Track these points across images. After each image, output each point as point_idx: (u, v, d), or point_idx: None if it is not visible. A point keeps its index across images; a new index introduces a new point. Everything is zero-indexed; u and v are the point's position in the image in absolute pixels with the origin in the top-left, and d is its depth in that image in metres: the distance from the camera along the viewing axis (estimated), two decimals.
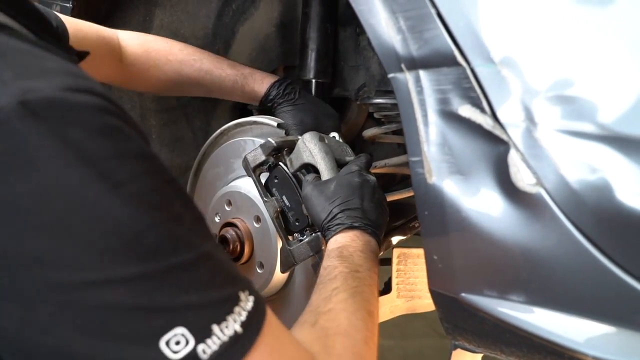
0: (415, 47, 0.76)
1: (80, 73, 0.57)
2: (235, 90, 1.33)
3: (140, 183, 0.54)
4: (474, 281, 0.78)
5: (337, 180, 1.05)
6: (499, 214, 0.73)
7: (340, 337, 0.75)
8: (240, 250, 1.21)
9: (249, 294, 0.60)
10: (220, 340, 0.55)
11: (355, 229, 0.99)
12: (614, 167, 0.64)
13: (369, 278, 0.91)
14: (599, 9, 0.65)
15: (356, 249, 0.95)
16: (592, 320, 0.69)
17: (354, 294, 0.84)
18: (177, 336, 0.53)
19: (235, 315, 0.57)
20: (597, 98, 0.65)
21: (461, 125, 0.74)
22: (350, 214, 1.00)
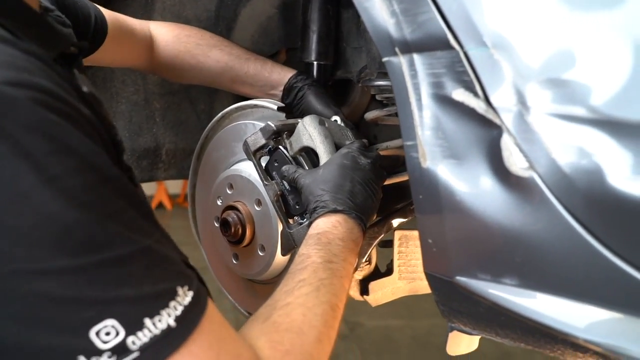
0: (409, 31, 0.76)
1: (26, 67, 0.57)
2: (260, 76, 1.35)
3: (74, 179, 0.56)
4: (468, 264, 0.78)
5: (328, 164, 1.05)
6: (492, 197, 0.73)
7: (291, 333, 0.74)
8: (241, 233, 1.22)
9: (187, 289, 0.62)
10: (152, 333, 0.57)
11: (339, 213, 0.98)
12: (605, 150, 0.63)
13: (342, 269, 0.90)
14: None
15: (336, 236, 0.95)
16: (584, 303, 0.69)
17: (319, 287, 0.83)
18: (107, 327, 0.55)
19: (170, 310, 0.59)
20: (588, 81, 0.64)
21: (455, 109, 0.74)
22: (336, 197, 0.99)
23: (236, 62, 1.35)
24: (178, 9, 1.55)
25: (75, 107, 0.60)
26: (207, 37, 1.38)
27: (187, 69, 1.37)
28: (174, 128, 1.70)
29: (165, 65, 1.37)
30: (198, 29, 1.41)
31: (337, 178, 1.02)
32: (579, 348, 0.71)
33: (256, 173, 1.17)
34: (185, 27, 1.41)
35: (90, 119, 0.63)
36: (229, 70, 1.36)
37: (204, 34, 1.39)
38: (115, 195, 0.60)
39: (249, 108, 1.31)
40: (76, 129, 0.58)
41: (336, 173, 1.03)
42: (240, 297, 1.40)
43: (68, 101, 0.59)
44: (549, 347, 0.76)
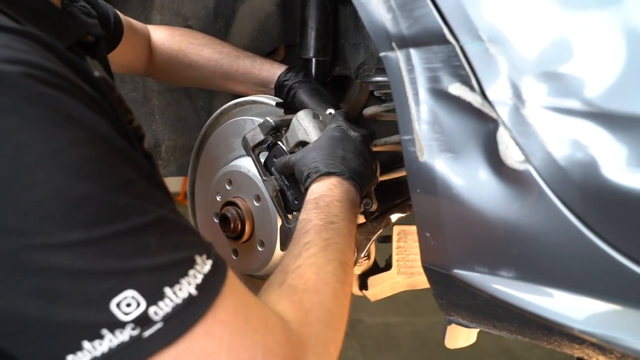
0: (406, 26, 0.77)
1: (22, 48, 0.57)
2: (250, 74, 1.36)
3: (82, 149, 0.55)
4: (465, 257, 0.79)
5: (318, 139, 1.06)
6: (489, 191, 0.73)
7: (308, 293, 0.75)
8: (241, 228, 1.22)
9: (206, 258, 0.61)
10: (173, 302, 0.56)
11: (333, 176, 0.98)
12: (600, 143, 0.64)
13: (344, 228, 0.90)
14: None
15: (333, 198, 0.94)
16: (580, 295, 0.70)
17: (325, 247, 0.84)
18: (127, 299, 0.54)
19: (189, 278, 0.58)
20: (583, 75, 0.65)
21: (451, 103, 0.75)
22: (328, 161, 0.99)
23: (226, 60, 1.36)
24: (177, 6, 1.56)
25: (75, 82, 0.59)
26: (198, 37, 1.40)
27: (181, 69, 1.38)
28: (173, 125, 1.70)
29: (161, 67, 1.39)
30: (189, 30, 1.44)
31: (328, 147, 1.02)
32: (575, 339, 0.72)
33: (255, 169, 1.17)
34: (176, 28, 1.43)
35: (94, 97, 0.62)
36: (220, 68, 1.37)
37: (195, 34, 1.41)
38: (125, 165, 0.59)
39: (247, 104, 1.31)
40: (77, 101, 0.57)
41: (326, 143, 1.03)
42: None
43: (66, 77, 0.58)
44: (546, 338, 0.77)
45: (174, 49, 1.38)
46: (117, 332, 0.54)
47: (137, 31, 1.33)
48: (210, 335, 0.58)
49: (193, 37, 1.40)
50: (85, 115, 0.57)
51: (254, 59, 1.38)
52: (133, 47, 1.30)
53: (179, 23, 1.58)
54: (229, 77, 1.37)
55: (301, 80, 1.32)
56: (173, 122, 1.70)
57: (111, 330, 0.54)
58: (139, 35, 1.34)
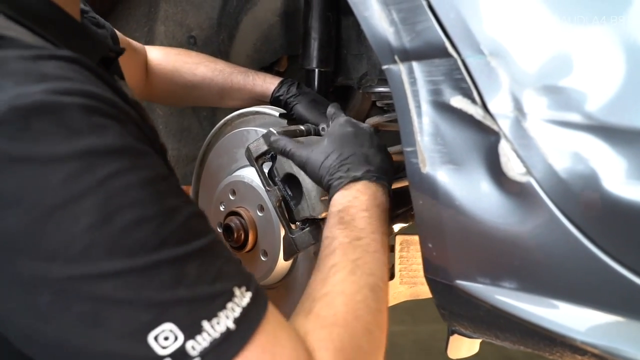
0: (408, 39, 0.77)
1: (73, 76, 0.59)
2: (244, 89, 1.36)
3: (127, 178, 0.56)
4: (468, 269, 0.79)
5: (328, 136, 0.99)
6: (491, 202, 0.74)
7: (337, 328, 0.70)
8: (244, 238, 1.23)
9: (245, 290, 0.60)
10: (211, 336, 0.56)
11: (358, 181, 0.91)
12: (601, 156, 0.65)
13: (373, 243, 0.84)
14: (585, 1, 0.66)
15: (359, 209, 0.88)
16: (582, 306, 0.70)
17: (354, 270, 0.78)
18: (165, 332, 0.54)
19: (227, 312, 0.57)
20: (584, 88, 0.65)
21: (453, 115, 0.76)
22: (350, 164, 0.92)
23: (220, 78, 1.37)
24: (181, 17, 1.57)
25: (124, 109, 0.61)
26: (192, 55, 1.41)
27: (177, 90, 1.39)
28: (176, 135, 1.71)
29: (158, 88, 1.39)
30: (183, 50, 1.45)
31: (346, 145, 0.95)
32: (577, 350, 0.72)
33: (258, 179, 1.18)
34: (171, 48, 1.44)
35: (138, 120, 0.63)
36: (215, 86, 1.37)
37: (189, 53, 1.42)
38: (170, 192, 0.60)
39: (251, 115, 1.32)
40: (125, 129, 0.58)
41: (341, 142, 0.96)
42: None
43: (115, 103, 0.60)
44: (548, 349, 0.77)
45: (169, 69, 1.38)
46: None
47: (135, 51, 1.34)
48: None
49: (187, 56, 1.40)
50: (131, 143, 0.58)
51: (247, 74, 1.37)
52: (131, 67, 1.30)
53: (182, 34, 1.59)
54: (225, 94, 1.38)
55: (295, 94, 1.30)
56: (176, 132, 1.71)
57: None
58: (136, 55, 1.34)
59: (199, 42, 1.62)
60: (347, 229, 0.85)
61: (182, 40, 1.61)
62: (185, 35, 1.61)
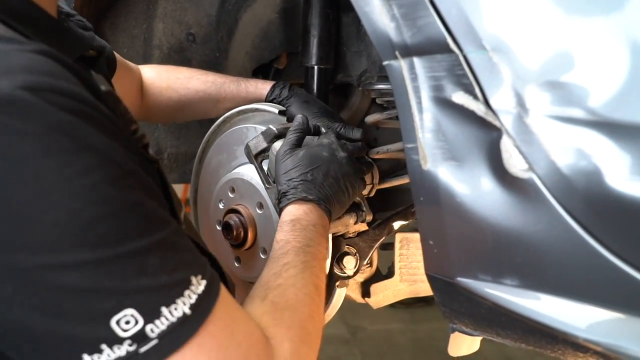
0: (409, 35, 0.77)
1: (45, 70, 0.60)
2: (237, 98, 1.37)
3: (94, 175, 0.58)
4: (469, 265, 0.79)
5: (306, 150, 1.09)
6: (493, 199, 0.74)
7: (288, 311, 0.80)
8: (243, 236, 1.22)
9: (201, 278, 0.65)
10: (169, 321, 0.60)
11: (309, 202, 1.03)
12: (603, 152, 0.64)
13: (319, 252, 0.96)
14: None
15: (309, 222, 1.00)
16: (584, 303, 0.70)
17: (304, 269, 0.89)
18: (127, 316, 0.58)
19: (184, 299, 0.62)
20: (586, 84, 0.65)
21: (455, 112, 0.75)
22: (308, 186, 1.04)
23: (213, 89, 1.38)
24: (179, 15, 1.57)
25: (94, 105, 0.63)
26: (183, 70, 1.42)
27: (172, 106, 1.40)
28: (175, 132, 1.71)
29: (154, 106, 1.39)
30: (172, 66, 1.46)
31: (310, 169, 1.06)
32: (579, 348, 0.72)
33: (258, 176, 1.18)
34: (162, 66, 1.46)
35: (109, 116, 0.65)
36: (208, 97, 1.38)
37: (180, 69, 1.43)
38: (134, 188, 0.63)
39: (250, 112, 1.32)
40: (95, 127, 0.60)
41: (311, 161, 1.07)
42: (242, 300, 1.40)
43: (87, 100, 0.62)
44: (550, 347, 0.77)
45: (163, 87, 1.39)
46: (115, 347, 0.58)
47: (130, 70, 1.34)
48: (200, 348, 0.62)
49: (178, 72, 1.41)
50: (100, 141, 0.60)
51: (238, 82, 1.39)
52: (126, 86, 1.31)
53: (181, 31, 1.59)
54: (219, 105, 1.39)
55: (288, 96, 1.33)
56: (175, 130, 1.70)
57: (110, 345, 0.57)
58: (132, 75, 1.35)
59: (198, 40, 1.61)
60: (300, 236, 0.96)
61: (181, 38, 1.60)
62: (183, 32, 1.60)
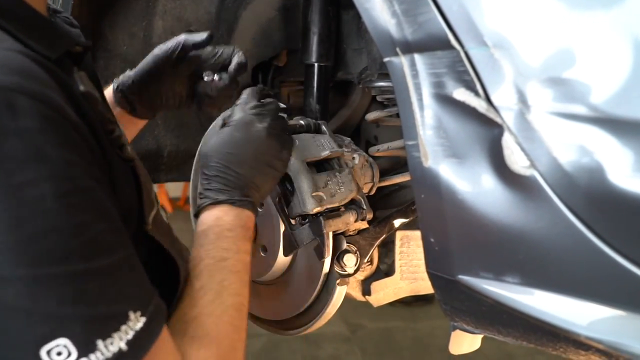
0: (410, 31, 0.77)
1: (18, 68, 0.58)
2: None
3: (43, 188, 0.55)
4: (471, 263, 0.79)
5: (217, 136, 0.99)
6: (494, 196, 0.73)
7: (210, 349, 0.76)
8: None
9: (140, 315, 0.62)
10: (104, 356, 0.56)
11: (221, 204, 0.93)
12: (606, 149, 0.64)
13: (238, 263, 0.88)
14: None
15: (223, 228, 0.90)
16: (586, 301, 0.70)
17: (221, 292, 0.82)
18: (59, 347, 0.54)
19: (121, 334, 0.59)
20: (588, 80, 0.65)
21: (456, 108, 0.75)
22: (218, 184, 0.94)
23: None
24: (179, 12, 1.56)
25: (61, 111, 0.60)
26: None
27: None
28: (175, 130, 1.70)
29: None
30: None
31: (220, 158, 0.96)
32: (581, 345, 0.72)
33: None
34: None
35: (76, 122, 0.63)
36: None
37: None
38: (84, 207, 0.60)
39: None
40: (55, 137, 0.58)
41: (219, 151, 0.97)
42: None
43: (54, 104, 0.59)
44: (551, 345, 0.77)
45: None
46: None
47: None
48: None
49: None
50: (57, 153, 0.58)
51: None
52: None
53: (181, 28, 1.58)
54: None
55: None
56: (175, 128, 1.69)
57: None
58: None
59: None
60: (213, 250, 0.88)
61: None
62: (183, 29, 1.59)
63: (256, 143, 0.98)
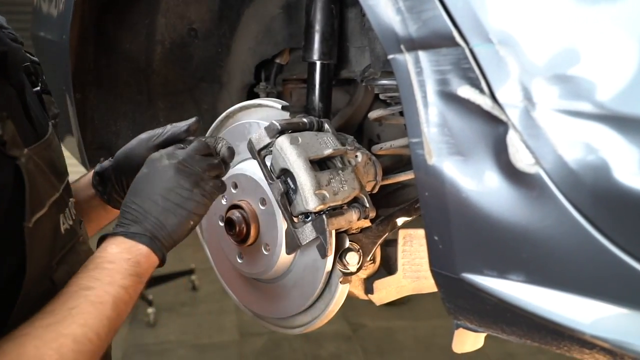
0: (414, 28, 0.76)
1: None
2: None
3: None
4: (475, 261, 0.78)
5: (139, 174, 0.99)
6: (499, 194, 0.73)
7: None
8: (246, 232, 1.22)
9: None
10: None
11: (115, 236, 0.92)
12: (612, 146, 0.63)
13: (104, 295, 0.84)
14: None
15: (104, 259, 0.88)
16: (590, 299, 0.69)
17: (65, 318, 0.79)
18: None
19: None
20: (594, 77, 0.64)
21: (460, 106, 0.74)
22: (120, 218, 0.94)
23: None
24: (182, 10, 1.56)
25: None
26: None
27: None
28: None
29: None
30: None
31: (130, 193, 0.96)
32: (585, 344, 0.71)
33: (261, 172, 1.17)
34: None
35: None
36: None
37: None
38: None
39: (252, 107, 1.31)
40: None
41: (132, 187, 0.97)
42: (245, 296, 1.40)
43: None
44: (555, 343, 0.76)
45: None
46: None
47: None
48: None
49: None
50: None
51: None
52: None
53: (183, 26, 1.58)
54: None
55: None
56: None
57: None
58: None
59: (200, 35, 1.60)
60: (83, 278, 0.85)
61: (183, 33, 1.59)
62: (186, 27, 1.59)
63: (161, 179, 0.96)
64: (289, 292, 1.25)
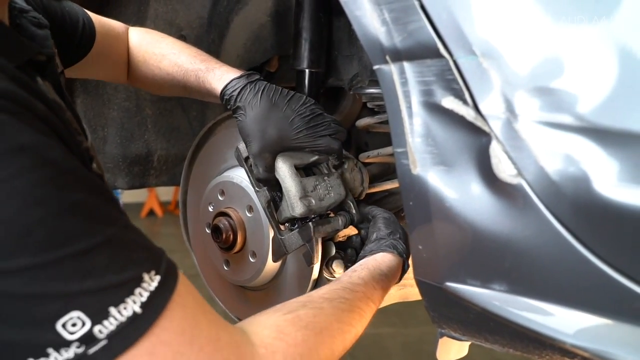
0: (400, 39, 0.77)
1: None
2: (198, 87, 1.21)
3: (29, 177, 0.56)
4: (458, 270, 0.79)
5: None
6: (482, 204, 0.74)
7: (307, 330, 0.77)
8: (233, 239, 1.22)
9: (154, 274, 0.62)
10: (118, 320, 0.58)
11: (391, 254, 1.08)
12: (592, 158, 0.64)
13: (373, 309, 0.99)
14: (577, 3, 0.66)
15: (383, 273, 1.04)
16: (571, 309, 0.70)
17: (353, 310, 0.90)
18: (73, 319, 0.56)
19: (135, 297, 0.60)
20: (575, 90, 0.65)
21: (444, 116, 0.75)
22: (391, 241, 1.10)
23: (179, 74, 1.23)
24: (170, 16, 1.56)
25: (27, 103, 0.60)
26: (162, 45, 1.28)
27: (149, 82, 1.31)
28: (165, 135, 1.70)
29: (135, 74, 1.31)
30: (156, 36, 1.32)
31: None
32: (566, 353, 0.72)
33: (247, 180, 1.17)
34: (147, 32, 1.33)
35: (45, 114, 0.63)
36: (177, 83, 1.25)
37: (158, 41, 1.30)
38: (74, 186, 0.60)
39: None
40: (28, 126, 0.58)
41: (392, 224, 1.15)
42: (231, 304, 1.40)
43: (16, 97, 0.59)
44: (538, 352, 0.77)
45: (140, 60, 1.29)
46: (62, 350, 0.56)
47: (116, 36, 1.26)
48: (152, 355, 0.60)
49: (155, 47, 1.29)
50: (33, 139, 0.58)
51: (197, 76, 1.20)
52: (107, 54, 1.24)
53: (172, 33, 1.58)
54: (187, 90, 1.26)
55: (243, 104, 1.13)
56: (166, 132, 1.69)
57: (56, 349, 0.56)
58: (116, 40, 1.27)
59: (189, 42, 1.60)
60: (369, 287, 0.98)
61: None
62: (175, 34, 1.59)
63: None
64: (276, 299, 1.25)
